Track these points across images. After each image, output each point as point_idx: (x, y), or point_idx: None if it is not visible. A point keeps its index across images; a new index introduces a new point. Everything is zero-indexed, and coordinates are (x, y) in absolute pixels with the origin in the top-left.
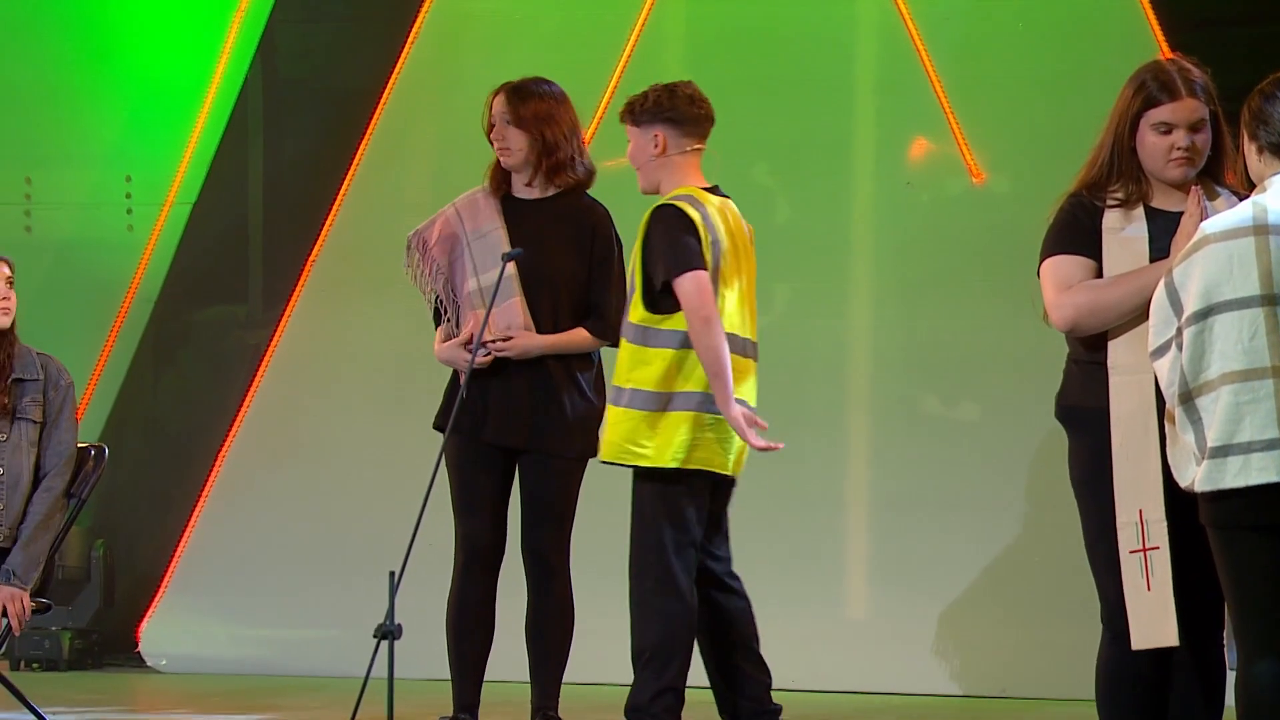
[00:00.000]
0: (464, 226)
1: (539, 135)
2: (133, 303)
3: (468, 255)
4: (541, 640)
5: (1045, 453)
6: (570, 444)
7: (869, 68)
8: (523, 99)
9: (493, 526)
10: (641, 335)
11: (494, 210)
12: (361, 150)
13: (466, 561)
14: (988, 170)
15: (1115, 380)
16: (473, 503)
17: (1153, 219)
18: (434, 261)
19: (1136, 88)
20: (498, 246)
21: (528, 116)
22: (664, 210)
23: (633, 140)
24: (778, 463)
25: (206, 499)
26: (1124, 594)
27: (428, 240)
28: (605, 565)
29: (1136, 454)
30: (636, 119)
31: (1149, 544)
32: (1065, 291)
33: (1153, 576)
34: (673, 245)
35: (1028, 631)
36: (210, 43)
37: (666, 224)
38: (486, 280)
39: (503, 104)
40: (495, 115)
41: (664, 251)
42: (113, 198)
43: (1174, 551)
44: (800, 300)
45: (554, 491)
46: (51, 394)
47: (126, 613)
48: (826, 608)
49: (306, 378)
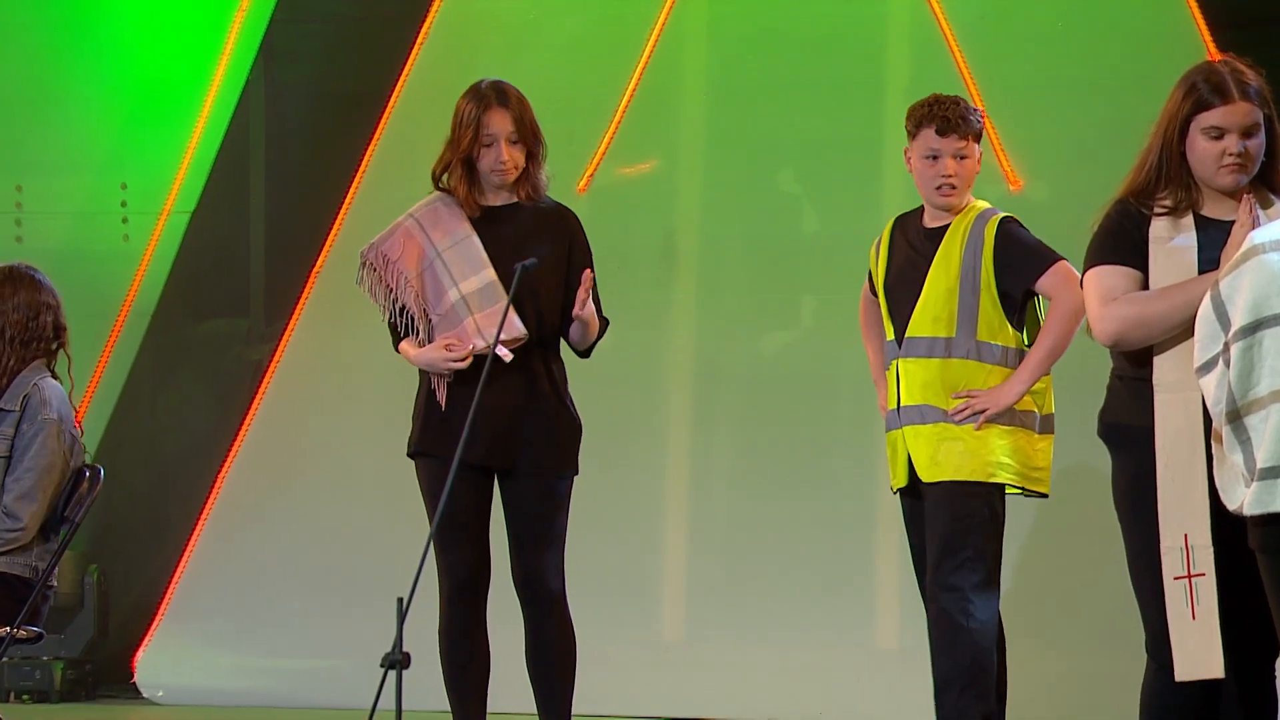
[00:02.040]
0: (429, 238)
1: (535, 148)
2: (128, 317)
3: (440, 266)
4: (545, 674)
5: (1087, 473)
6: (562, 460)
7: (900, 69)
8: (524, 111)
9: (474, 554)
10: (1004, 356)
11: (460, 216)
12: (368, 157)
13: (450, 594)
14: (1025, 177)
15: (1161, 397)
16: (451, 531)
17: (1202, 228)
18: (402, 274)
19: (1187, 90)
20: (474, 252)
21: (528, 130)
22: (1013, 220)
23: (972, 157)
24: (807, 485)
25: (205, 522)
26: (1168, 623)
27: (389, 254)
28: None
29: (1182, 475)
30: (979, 136)
31: (1194, 570)
32: (1109, 304)
33: (1198, 605)
34: (1032, 244)
35: (1068, 662)
36: (210, 44)
37: (1024, 230)
38: (470, 288)
39: (507, 121)
40: (496, 131)
41: (1037, 246)
42: (107, 206)
43: (1221, 578)
44: (829, 314)
45: (546, 512)
46: (25, 427)
47: (121, 642)
48: (858, 637)
49: (310, 395)
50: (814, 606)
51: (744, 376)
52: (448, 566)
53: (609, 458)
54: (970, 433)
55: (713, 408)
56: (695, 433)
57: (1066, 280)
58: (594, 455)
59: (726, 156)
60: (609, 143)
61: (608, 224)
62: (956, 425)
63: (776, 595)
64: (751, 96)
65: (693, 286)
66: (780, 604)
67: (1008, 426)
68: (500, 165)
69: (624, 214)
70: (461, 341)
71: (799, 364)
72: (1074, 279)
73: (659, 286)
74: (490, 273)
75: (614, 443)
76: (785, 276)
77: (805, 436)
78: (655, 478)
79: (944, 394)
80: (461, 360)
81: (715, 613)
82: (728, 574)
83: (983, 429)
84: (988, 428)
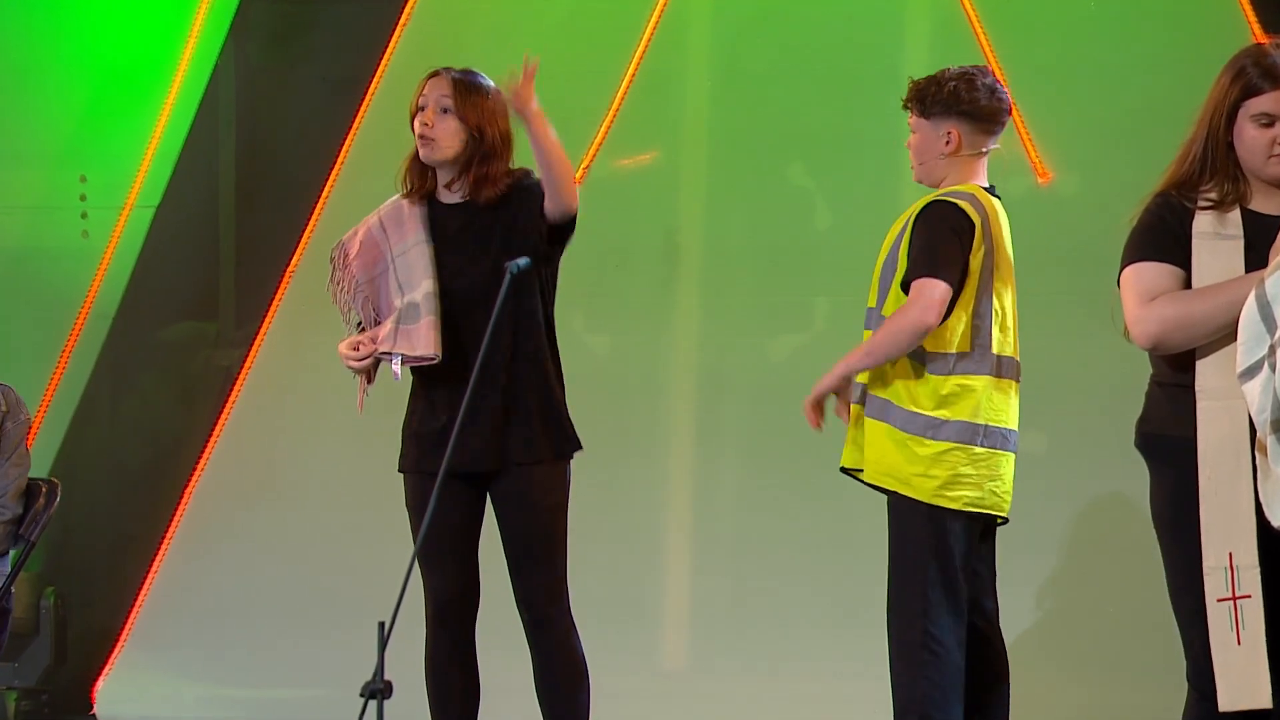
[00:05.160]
0: (388, 240)
1: (477, 133)
2: (88, 319)
3: (392, 273)
4: (549, 700)
5: (1123, 488)
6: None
7: (920, 53)
8: (477, 93)
9: (459, 575)
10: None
11: (417, 218)
12: (347, 146)
13: (434, 618)
14: (1055, 169)
15: (1203, 405)
16: (434, 550)
17: (1250, 223)
18: (354, 277)
19: (1235, 74)
20: (421, 261)
21: (472, 108)
22: (941, 207)
23: (918, 133)
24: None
25: (171, 541)
26: (1211, 648)
27: (349, 252)
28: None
29: (1226, 490)
30: (926, 110)
31: (1239, 592)
32: (1149, 304)
33: (1243, 629)
34: (930, 248)
35: (1102, 692)
36: (176, 23)
37: (936, 224)
38: (413, 297)
39: (442, 87)
40: (427, 96)
41: (921, 250)
42: (65, 200)
43: (1269, 600)
44: (842, 317)
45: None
46: (9, 425)
47: (80, 669)
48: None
49: (284, 404)
50: (828, 634)
51: (751, 385)
52: (432, 589)
53: (606, 472)
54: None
55: (718, 418)
56: (699, 445)
57: (916, 294)
58: (590, 469)
59: (732, 147)
60: (605, 132)
61: (604, 220)
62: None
63: (787, 621)
64: (760, 82)
65: (696, 288)
66: (791, 631)
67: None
68: (423, 129)
69: (622, 209)
70: (373, 343)
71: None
72: (922, 296)
73: (660, 287)
74: (430, 284)
75: (611, 456)
76: (796, 277)
77: (817, 449)
78: (656, 493)
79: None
80: (361, 360)
81: (720, 640)
82: (734, 597)
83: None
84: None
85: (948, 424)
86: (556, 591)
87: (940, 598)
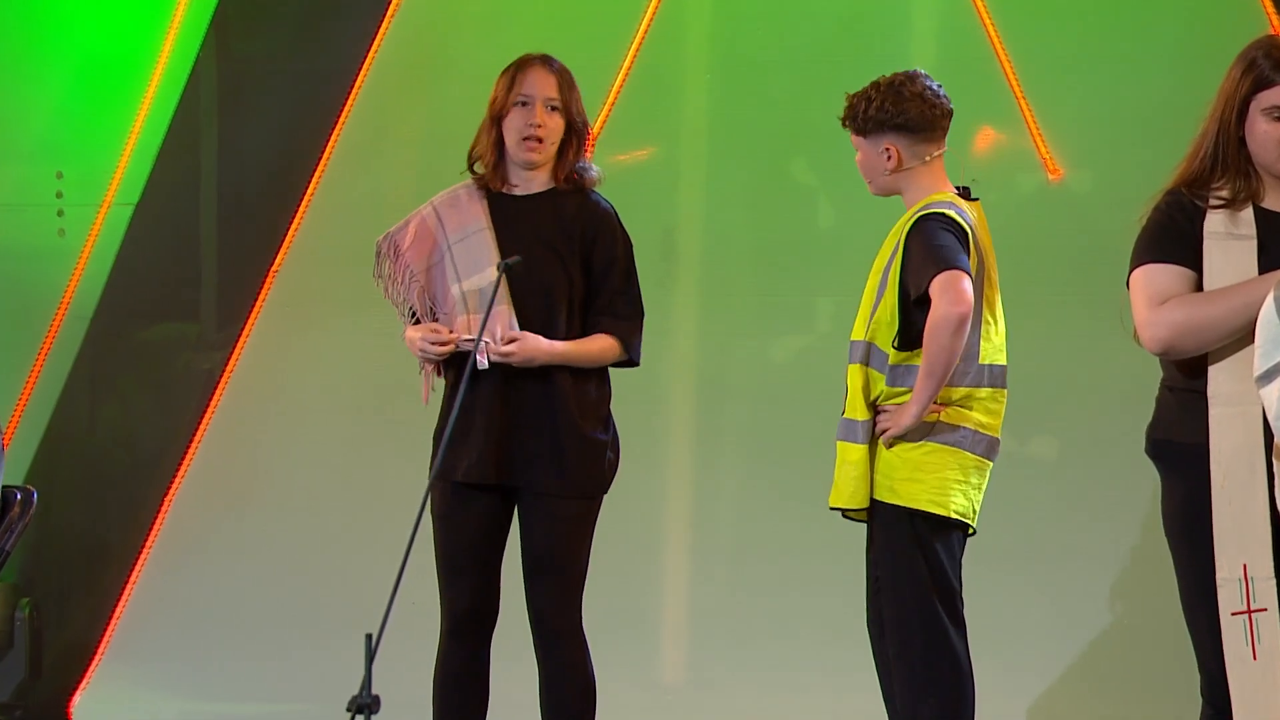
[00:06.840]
0: (444, 229)
1: (577, 124)
2: (64, 321)
3: (449, 260)
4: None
5: (1134, 496)
6: (568, 484)
7: (926, 45)
8: (573, 90)
9: (477, 588)
10: (891, 375)
11: (479, 208)
12: (332, 142)
13: (449, 630)
14: (1066, 165)
15: (1216, 412)
16: (454, 560)
17: (1264, 222)
18: (408, 267)
19: (1246, 66)
20: (483, 249)
21: (573, 100)
22: (932, 219)
23: (860, 151)
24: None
25: (150, 551)
26: (1225, 663)
27: (400, 244)
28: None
29: (1240, 498)
30: (860, 128)
31: (1254, 605)
32: (1159, 307)
33: (1259, 643)
34: (934, 248)
35: (1112, 705)
36: (156, 14)
37: (933, 231)
38: (471, 285)
39: (550, 84)
40: (533, 91)
41: (925, 254)
42: (40, 198)
43: None
44: (845, 318)
45: (555, 539)
46: None
47: (56, 684)
48: None
49: (268, 408)
50: (834, 645)
51: (752, 387)
52: (449, 599)
53: None
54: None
55: (718, 421)
56: (698, 449)
57: (939, 292)
58: None
59: (732, 143)
60: (601, 127)
61: None
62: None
63: (791, 632)
64: (760, 76)
65: (695, 287)
66: (795, 642)
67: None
68: (532, 129)
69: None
70: (455, 332)
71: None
72: (947, 291)
73: (658, 287)
74: (494, 271)
75: None
76: (797, 277)
77: (820, 453)
78: (654, 500)
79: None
80: (443, 346)
81: (721, 652)
82: (735, 608)
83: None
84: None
85: (936, 427)
86: (571, 605)
87: (942, 609)
